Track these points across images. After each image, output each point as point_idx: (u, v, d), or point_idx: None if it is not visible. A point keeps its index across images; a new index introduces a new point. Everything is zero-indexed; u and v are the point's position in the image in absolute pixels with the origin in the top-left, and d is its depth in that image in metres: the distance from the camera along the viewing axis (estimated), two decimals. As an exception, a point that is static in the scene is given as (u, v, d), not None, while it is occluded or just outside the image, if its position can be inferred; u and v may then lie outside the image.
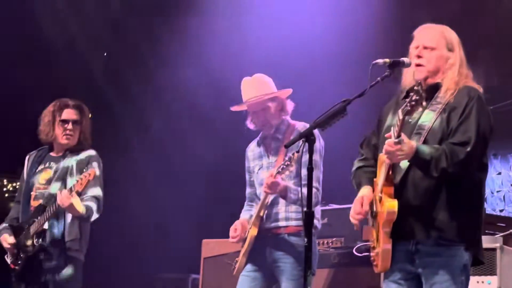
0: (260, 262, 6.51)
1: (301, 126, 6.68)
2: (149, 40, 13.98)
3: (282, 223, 6.46)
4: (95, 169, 6.87)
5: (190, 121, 12.68)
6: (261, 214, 6.46)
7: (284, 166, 6.24)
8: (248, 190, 6.97)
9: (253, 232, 6.43)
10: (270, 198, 6.45)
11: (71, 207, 6.54)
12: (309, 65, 11.78)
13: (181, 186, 11.80)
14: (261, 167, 6.78)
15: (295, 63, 11.53)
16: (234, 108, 6.93)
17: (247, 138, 7.10)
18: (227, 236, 6.80)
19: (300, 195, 5.93)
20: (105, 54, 14.41)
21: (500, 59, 11.32)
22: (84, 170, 6.86)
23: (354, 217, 5.12)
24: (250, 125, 6.82)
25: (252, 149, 6.97)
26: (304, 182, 5.77)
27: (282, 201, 6.46)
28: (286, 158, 6.28)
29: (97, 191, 6.91)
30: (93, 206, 6.85)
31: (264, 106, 6.65)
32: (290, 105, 6.79)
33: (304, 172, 5.84)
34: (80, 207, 6.62)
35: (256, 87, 6.78)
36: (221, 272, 7.26)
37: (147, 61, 14.07)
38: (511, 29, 11.56)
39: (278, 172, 6.24)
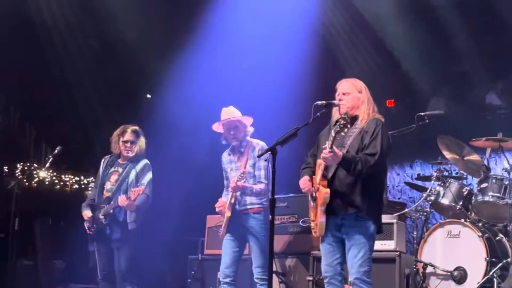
0: (235, 231, 7.36)
1: (255, 142, 7.61)
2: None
3: (249, 207, 7.33)
4: (143, 178, 7.76)
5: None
6: (232, 201, 7.33)
7: (240, 177, 7.18)
8: (225, 182, 7.74)
9: (228, 214, 7.32)
10: (236, 193, 7.36)
11: (126, 207, 7.49)
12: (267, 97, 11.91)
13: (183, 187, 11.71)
14: (231, 169, 7.60)
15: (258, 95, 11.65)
16: (214, 126, 7.68)
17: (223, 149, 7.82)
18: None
19: (253, 190, 7.32)
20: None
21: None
22: (140, 177, 7.82)
23: (302, 187, 6.04)
24: (223, 141, 7.66)
25: (225, 156, 7.78)
26: (258, 180, 7.36)
27: (247, 192, 7.33)
28: (241, 173, 7.24)
29: (148, 189, 7.72)
30: (145, 201, 7.71)
31: (234, 125, 7.45)
32: (250, 129, 7.59)
33: (258, 173, 7.40)
34: (132, 207, 7.52)
35: (230, 113, 7.54)
36: (217, 236, 7.71)
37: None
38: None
39: (238, 180, 7.17)
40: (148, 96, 14.37)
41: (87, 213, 7.82)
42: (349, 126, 5.86)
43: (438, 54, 13.17)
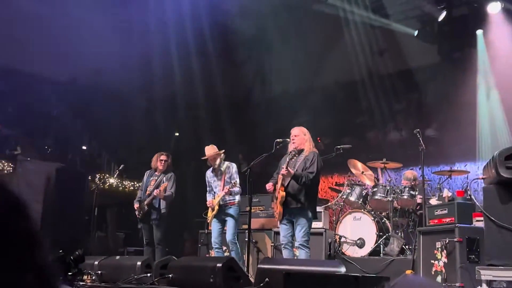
0: (219, 217, 7.29)
1: (228, 163, 7.43)
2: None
3: (227, 202, 7.25)
4: (169, 186, 7.70)
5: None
6: (218, 199, 7.24)
7: (227, 191, 7.10)
8: (208, 188, 7.51)
9: (216, 207, 7.23)
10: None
11: (160, 196, 7.58)
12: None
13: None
14: (214, 180, 7.41)
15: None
16: (203, 157, 7.53)
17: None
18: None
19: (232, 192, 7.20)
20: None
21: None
22: (166, 181, 7.77)
23: (267, 189, 6.19)
24: (209, 163, 7.49)
25: (209, 174, 7.53)
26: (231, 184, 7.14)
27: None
28: (226, 190, 7.07)
29: (173, 188, 7.83)
30: (170, 195, 7.78)
31: (214, 157, 7.37)
32: (223, 156, 7.44)
33: (233, 181, 7.19)
34: (162, 196, 7.58)
35: (211, 149, 7.41)
36: None
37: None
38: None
39: (231, 187, 7.09)
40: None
41: (136, 205, 7.93)
42: (297, 155, 5.98)
43: (347, 110, 13.43)
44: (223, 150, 7.46)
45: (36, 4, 10.39)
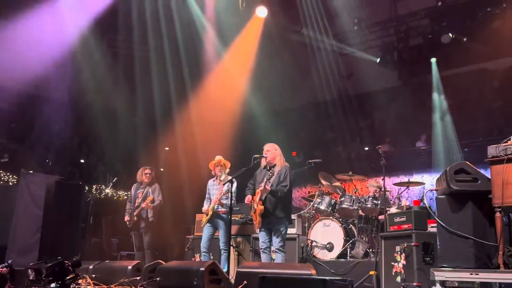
0: (212, 223, 7.13)
1: (230, 177, 7.06)
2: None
3: (220, 210, 7.09)
4: (155, 195, 7.68)
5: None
6: (212, 207, 7.10)
7: (223, 197, 6.98)
8: (207, 196, 7.33)
9: (210, 213, 7.08)
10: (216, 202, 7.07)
11: (149, 207, 7.59)
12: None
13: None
14: (214, 189, 7.25)
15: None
16: (210, 164, 7.35)
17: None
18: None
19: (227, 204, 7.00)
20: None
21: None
22: (153, 193, 7.71)
23: (246, 202, 6.18)
24: (213, 172, 7.33)
25: (210, 182, 7.38)
26: (227, 196, 7.00)
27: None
28: (224, 192, 6.92)
29: (160, 197, 7.79)
30: (159, 203, 7.72)
31: (221, 164, 7.21)
32: (228, 169, 7.28)
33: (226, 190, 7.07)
34: (150, 207, 7.56)
35: (220, 158, 7.28)
36: (200, 225, 7.44)
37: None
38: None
39: (221, 197, 6.98)
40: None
41: (126, 218, 7.92)
42: (271, 170, 5.99)
43: (318, 127, 13.50)
44: (229, 163, 7.36)
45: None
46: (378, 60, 11.79)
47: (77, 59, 11.23)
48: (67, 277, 3.80)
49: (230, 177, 7.08)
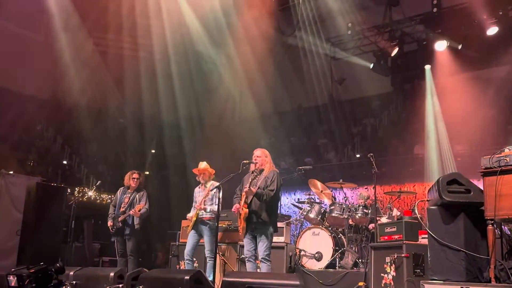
0: (196, 229, 7.03)
1: (215, 183, 7.08)
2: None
3: (205, 216, 6.99)
4: (140, 200, 7.56)
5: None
6: (195, 214, 7.03)
7: (207, 203, 6.96)
8: (194, 204, 7.22)
9: (194, 219, 6.99)
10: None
11: (136, 215, 7.42)
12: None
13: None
14: (198, 197, 7.16)
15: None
16: (194, 170, 7.29)
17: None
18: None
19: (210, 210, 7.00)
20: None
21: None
22: (141, 199, 7.57)
23: (233, 210, 6.03)
24: (198, 178, 7.25)
25: (196, 189, 7.30)
26: (211, 202, 7.01)
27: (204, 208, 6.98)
28: (209, 197, 6.97)
29: (147, 205, 7.58)
30: (146, 211, 7.54)
31: (204, 172, 7.15)
32: (213, 175, 7.26)
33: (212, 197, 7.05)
34: (138, 215, 7.41)
35: (205, 165, 7.22)
36: (186, 232, 7.40)
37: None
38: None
39: (204, 204, 6.96)
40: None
41: (109, 223, 7.71)
42: (259, 174, 5.97)
43: (309, 132, 13.49)
44: (214, 171, 7.29)
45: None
46: (371, 65, 11.87)
47: (63, 58, 11.19)
48: (50, 284, 3.71)
49: (216, 183, 7.02)
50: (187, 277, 4.68)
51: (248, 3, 11.31)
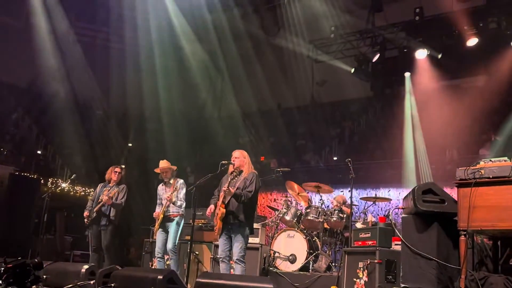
0: (163, 227, 6.94)
1: (178, 179, 7.13)
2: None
3: (171, 213, 6.90)
4: (119, 193, 7.32)
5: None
6: (163, 210, 6.90)
7: (168, 203, 6.87)
8: (158, 201, 7.17)
9: (161, 217, 6.90)
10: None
11: (108, 202, 7.15)
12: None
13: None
14: (163, 193, 7.09)
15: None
16: (157, 170, 7.22)
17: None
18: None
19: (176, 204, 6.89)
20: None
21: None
22: (119, 193, 7.37)
23: (208, 213, 5.91)
24: (160, 177, 7.18)
25: (160, 187, 7.22)
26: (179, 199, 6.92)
27: (170, 206, 6.89)
28: (167, 202, 6.86)
29: (123, 199, 7.32)
30: (120, 204, 7.28)
31: (166, 170, 7.07)
32: (175, 171, 7.14)
33: (179, 196, 6.94)
34: (109, 202, 7.14)
35: (165, 163, 7.10)
36: None
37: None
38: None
39: (168, 201, 6.86)
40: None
41: (85, 213, 7.40)
42: (238, 176, 5.92)
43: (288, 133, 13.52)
44: (176, 167, 7.21)
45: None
46: (352, 70, 11.98)
47: (43, 47, 11.01)
48: (28, 280, 3.62)
49: (180, 180, 7.07)
50: (160, 277, 4.62)
51: (235, 1, 11.34)
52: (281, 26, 11.90)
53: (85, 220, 7.51)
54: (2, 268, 4.64)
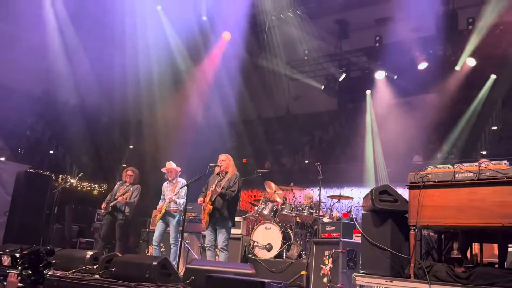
0: (164, 220, 6.87)
1: (179, 179, 7.06)
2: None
3: (172, 208, 6.83)
4: (133, 192, 7.16)
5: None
6: (165, 206, 6.86)
7: (171, 199, 6.81)
8: (162, 196, 7.06)
9: (163, 211, 6.83)
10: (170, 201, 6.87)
11: (122, 202, 7.01)
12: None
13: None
14: (167, 191, 7.01)
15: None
16: (163, 169, 7.10)
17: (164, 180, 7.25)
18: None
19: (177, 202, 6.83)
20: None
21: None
22: (133, 192, 7.21)
23: (199, 202, 5.95)
24: (166, 176, 7.11)
25: (165, 185, 7.12)
26: (178, 196, 6.85)
27: (171, 202, 6.83)
28: (170, 198, 6.80)
29: (136, 198, 7.20)
30: (133, 202, 7.16)
31: (171, 170, 7.02)
32: (179, 172, 7.10)
33: (180, 194, 6.89)
34: (123, 202, 7.00)
35: (171, 164, 7.04)
36: (155, 221, 7.20)
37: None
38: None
39: (174, 197, 6.80)
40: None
41: (103, 205, 7.27)
42: (223, 177, 5.91)
43: (267, 139, 13.51)
44: (180, 168, 7.13)
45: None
46: (322, 87, 12.07)
47: (57, 60, 10.85)
48: (41, 264, 3.56)
49: (181, 180, 6.97)
50: (154, 263, 4.63)
51: (224, 26, 11.33)
52: (262, 49, 11.94)
53: (102, 211, 7.39)
54: (19, 255, 4.57)
